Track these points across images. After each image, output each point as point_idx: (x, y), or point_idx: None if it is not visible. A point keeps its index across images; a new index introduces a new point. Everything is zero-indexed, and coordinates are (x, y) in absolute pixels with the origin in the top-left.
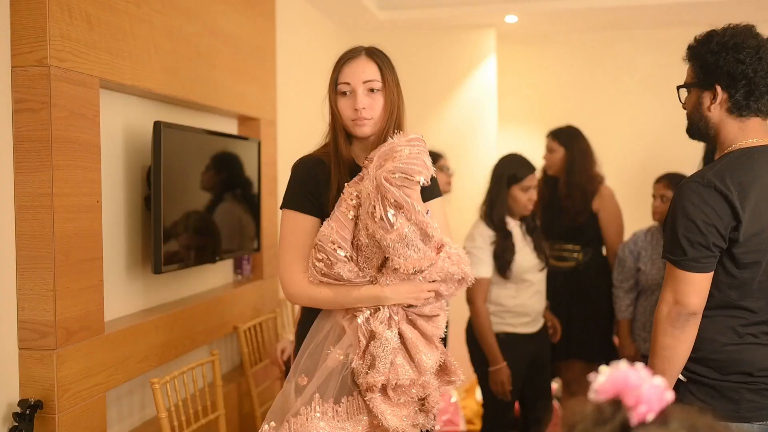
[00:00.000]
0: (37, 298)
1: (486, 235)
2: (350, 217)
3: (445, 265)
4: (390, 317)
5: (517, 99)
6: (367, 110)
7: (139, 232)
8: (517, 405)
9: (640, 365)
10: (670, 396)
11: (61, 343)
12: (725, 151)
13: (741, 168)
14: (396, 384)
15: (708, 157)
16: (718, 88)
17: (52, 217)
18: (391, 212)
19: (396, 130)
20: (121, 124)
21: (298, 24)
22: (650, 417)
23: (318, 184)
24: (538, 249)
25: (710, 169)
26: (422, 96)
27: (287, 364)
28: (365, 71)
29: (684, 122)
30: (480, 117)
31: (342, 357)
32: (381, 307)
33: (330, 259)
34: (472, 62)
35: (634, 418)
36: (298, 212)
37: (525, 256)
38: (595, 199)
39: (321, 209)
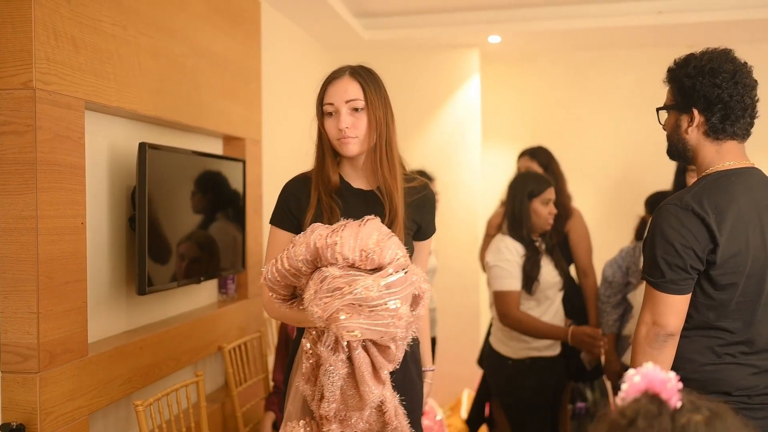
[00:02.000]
0: (20, 321)
1: (515, 249)
2: (279, 280)
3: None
4: (337, 341)
5: (500, 118)
6: (351, 129)
7: (123, 253)
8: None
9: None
10: (680, 385)
11: (44, 366)
12: (702, 174)
13: (718, 191)
14: (345, 415)
15: (679, 174)
16: (695, 112)
17: (36, 240)
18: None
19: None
20: (106, 146)
21: (283, 44)
22: (678, 405)
23: (300, 202)
24: (558, 267)
25: (688, 192)
26: (406, 115)
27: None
28: (347, 91)
29: (665, 141)
30: (464, 136)
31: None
32: (326, 330)
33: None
34: (455, 81)
35: (671, 407)
36: (278, 228)
37: (549, 272)
38: (568, 219)
39: (299, 227)
